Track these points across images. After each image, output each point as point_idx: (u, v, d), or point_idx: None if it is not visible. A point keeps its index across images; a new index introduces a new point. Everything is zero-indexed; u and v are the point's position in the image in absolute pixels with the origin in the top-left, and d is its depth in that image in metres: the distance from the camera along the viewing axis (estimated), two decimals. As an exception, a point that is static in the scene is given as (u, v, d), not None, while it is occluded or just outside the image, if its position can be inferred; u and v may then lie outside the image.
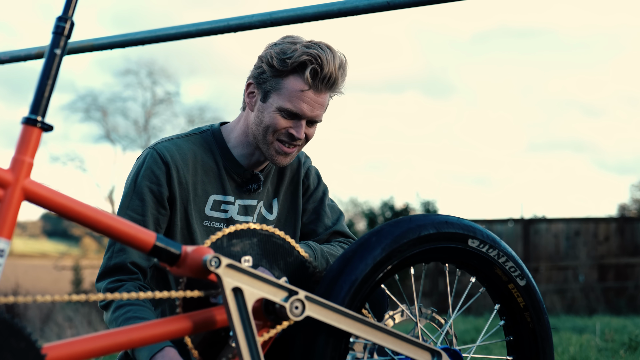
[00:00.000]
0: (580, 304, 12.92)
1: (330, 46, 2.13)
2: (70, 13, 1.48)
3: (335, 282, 1.75)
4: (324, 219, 2.38)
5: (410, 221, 1.86)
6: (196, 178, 2.20)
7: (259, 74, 2.17)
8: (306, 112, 2.13)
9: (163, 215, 2.15)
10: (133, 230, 1.53)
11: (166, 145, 2.19)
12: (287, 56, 2.10)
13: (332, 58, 2.11)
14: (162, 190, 2.14)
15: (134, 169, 2.18)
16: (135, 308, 2.03)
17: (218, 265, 1.56)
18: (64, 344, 1.45)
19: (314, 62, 2.09)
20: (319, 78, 2.11)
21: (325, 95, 2.16)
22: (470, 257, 1.92)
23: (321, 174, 2.44)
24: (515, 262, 1.95)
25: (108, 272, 2.11)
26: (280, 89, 2.13)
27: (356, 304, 1.74)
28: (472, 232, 1.90)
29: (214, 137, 2.25)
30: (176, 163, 2.16)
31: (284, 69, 2.11)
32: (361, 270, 1.76)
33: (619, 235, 14.06)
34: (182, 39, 3.12)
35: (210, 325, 1.61)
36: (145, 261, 2.13)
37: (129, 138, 24.50)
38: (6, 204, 1.40)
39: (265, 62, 2.14)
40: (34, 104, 1.44)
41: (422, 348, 1.77)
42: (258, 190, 2.27)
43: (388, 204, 15.18)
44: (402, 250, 1.81)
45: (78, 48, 3.32)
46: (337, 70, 2.12)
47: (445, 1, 2.62)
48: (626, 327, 7.04)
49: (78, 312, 11.44)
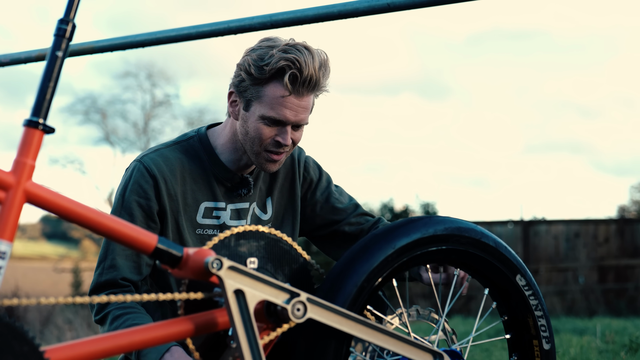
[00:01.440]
0: (580, 305, 12.92)
1: (309, 46, 2.09)
2: (71, 15, 1.48)
3: (337, 284, 1.75)
4: (338, 206, 2.36)
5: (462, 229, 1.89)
6: (185, 187, 2.17)
7: (239, 82, 2.13)
8: (290, 117, 2.09)
9: (153, 228, 2.12)
10: (134, 232, 1.53)
11: (152, 157, 2.15)
12: (265, 63, 2.06)
13: (310, 59, 2.06)
14: (151, 205, 2.11)
15: (122, 184, 2.16)
16: (133, 315, 2.02)
17: (220, 267, 1.56)
18: (66, 346, 1.44)
19: (293, 67, 2.04)
20: (299, 82, 2.06)
21: (309, 98, 2.12)
22: (512, 291, 1.93)
23: (320, 165, 2.42)
24: (548, 322, 1.95)
25: (99, 288, 2.09)
26: (261, 97, 2.09)
27: (358, 306, 1.74)
28: (523, 270, 1.93)
29: (201, 143, 2.22)
30: (164, 175, 2.13)
31: (263, 76, 2.07)
32: (363, 272, 1.76)
33: (619, 237, 14.06)
34: (182, 41, 3.11)
35: (211, 328, 1.61)
36: (136, 275, 2.11)
37: (129, 140, 24.54)
38: (8, 206, 1.39)
39: (244, 70, 2.10)
40: (36, 106, 1.44)
41: (424, 350, 1.77)
42: (249, 194, 2.25)
43: (388, 205, 15.17)
44: None
45: (79, 50, 3.32)
46: (317, 71, 2.07)
47: (445, 3, 2.62)
48: (626, 328, 7.04)
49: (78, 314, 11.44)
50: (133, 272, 2.10)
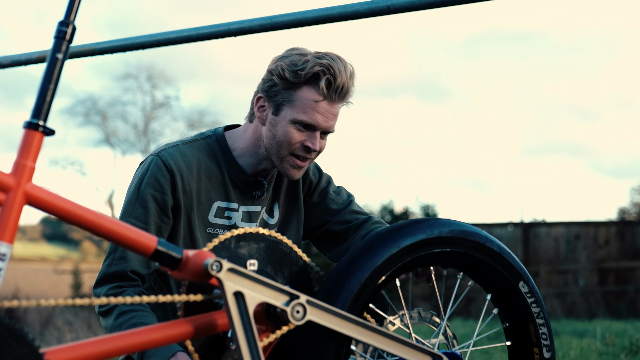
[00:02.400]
0: (580, 307, 12.92)
1: (340, 56, 2.13)
2: (71, 17, 1.49)
3: (336, 285, 1.75)
4: (332, 207, 2.37)
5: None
6: (200, 185, 2.18)
7: (269, 87, 2.15)
8: (321, 123, 2.12)
9: (166, 223, 2.13)
10: (134, 234, 1.53)
11: (170, 152, 2.16)
12: (299, 68, 2.09)
13: (343, 68, 2.10)
14: (166, 199, 2.12)
15: (138, 176, 2.16)
16: (140, 314, 2.02)
17: (219, 269, 1.56)
18: (66, 348, 1.44)
19: (327, 73, 2.08)
20: (333, 88, 2.10)
21: (338, 106, 2.15)
22: (514, 298, 1.93)
23: (320, 166, 2.43)
24: (549, 331, 1.95)
25: (107, 279, 2.09)
26: (294, 101, 2.11)
27: (361, 303, 1.74)
28: (526, 277, 1.93)
29: (218, 144, 2.24)
30: (181, 171, 2.14)
31: (297, 80, 2.10)
32: (367, 269, 1.76)
33: (619, 239, 14.05)
34: (182, 43, 3.12)
35: (211, 330, 1.61)
36: (145, 269, 2.11)
37: (129, 142, 24.54)
38: (8, 208, 1.40)
39: (277, 74, 2.12)
40: (36, 108, 1.44)
41: (424, 352, 1.77)
42: (262, 197, 2.26)
43: (388, 207, 15.17)
44: None
45: (79, 52, 3.32)
46: (348, 80, 2.11)
47: (444, 5, 2.62)
48: (627, 331, 7.04)
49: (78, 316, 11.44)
50: (142, 266, 2.11)
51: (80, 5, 1.50)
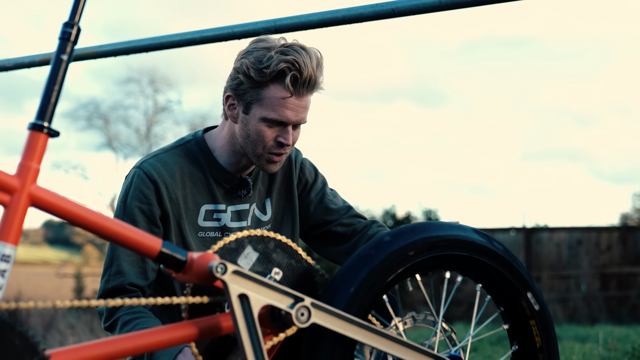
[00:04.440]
0: (582, 313, 12.90)
1: (305, 46, 2.10)
2: (76, 19, 1.48)
3: (341, 288, 1.74)
4: (332, 207, 2.38)
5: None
6: (185, 191, 2.18)
7: (237, 86, 2.13)
8: (291, 118, 2.11)
9: (156, 233, 2.13)
10: (139, 236, 1.52)
11: (151, 162, 2.16)
12: (264, 65, 2.06)
13: (309, 60, 2.07)
14: (153, 210, 2.12)
15: (123, 191, 2.17)
16: (143, 320, 2.02)
17: (224, 271, 1.55)
18: (69, 350, 1.44)
19: (293, 69, 2.06)
20: (300, 83, 2.07)
21: (307, 97, 2.13)
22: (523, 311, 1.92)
23: (316, 166, 2.43)
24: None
25: (107, 295, 2.09)
26: (262, 99, 2.10)
27: (367, 302, 1.73)
28: (533, 287, 1.91)
29: (199, 147, 2.23)
30: (164, 180, 2.14)
31: (263, 79, 2.07)
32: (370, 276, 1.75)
33: (621, 245, 14.05)
34: (185, 46, 3.12)
35: (215, 332, 1.61)
36: (143, 280, 2.11)
37: (131, 146, 24.59)
38: (12, 210, 1.39)
39: (242, 73, 2.10)
40: (40, 110, 1.44)
41: (427, 355, 1.76)
42: (248, 195, 2.26)
43: (390, 212, 15.17)
44: None
45: (82, 55, 3.32)
46: (315, 70, 2.08)
47: (448, 9, 2.62)
48: (629, 336, 7.03)
49: (80, 319, 11.43)
50: (139, 278, 2.10)
51: (85, 6, 1.49)
